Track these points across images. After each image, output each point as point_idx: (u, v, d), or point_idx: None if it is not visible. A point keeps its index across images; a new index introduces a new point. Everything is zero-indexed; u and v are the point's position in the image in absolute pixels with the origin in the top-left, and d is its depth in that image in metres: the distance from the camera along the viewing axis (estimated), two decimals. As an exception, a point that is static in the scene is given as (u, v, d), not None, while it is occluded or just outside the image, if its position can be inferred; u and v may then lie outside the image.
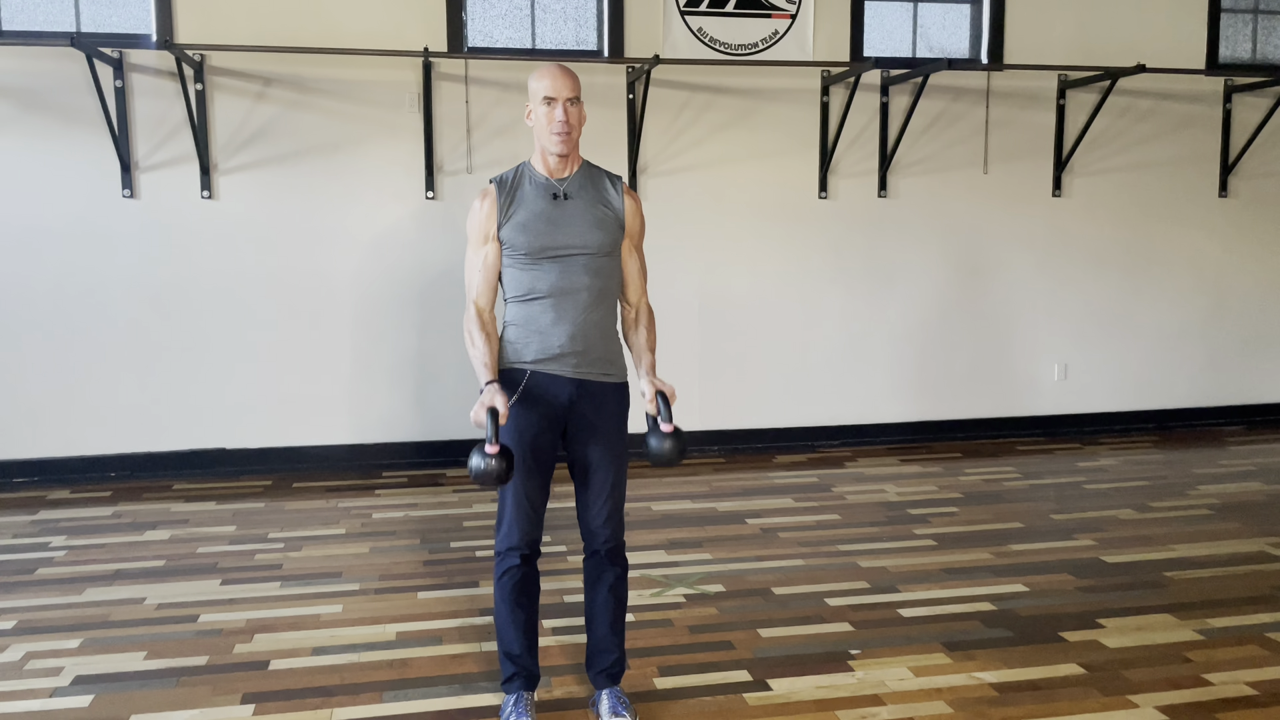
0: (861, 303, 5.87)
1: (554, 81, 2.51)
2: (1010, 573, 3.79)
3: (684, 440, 2.48)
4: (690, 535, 4.25)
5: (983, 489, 4.97)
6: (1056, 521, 4.43)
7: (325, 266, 5.30)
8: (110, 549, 4.12)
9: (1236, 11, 6.19)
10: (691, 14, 5.51)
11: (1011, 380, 6.10)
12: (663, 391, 2.51)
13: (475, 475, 2.33)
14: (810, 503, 4.74)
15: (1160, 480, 5.13)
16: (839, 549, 4.07)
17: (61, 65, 4.92)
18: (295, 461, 5.35)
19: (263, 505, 4.72)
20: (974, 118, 5.88)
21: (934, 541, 4.16)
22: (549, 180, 2.58)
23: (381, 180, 5.30)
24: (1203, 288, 6.29)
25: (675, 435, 2.45)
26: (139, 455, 5.21)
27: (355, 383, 5.38)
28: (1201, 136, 6.16)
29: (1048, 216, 6.03)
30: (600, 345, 2.59)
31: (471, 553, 4.04)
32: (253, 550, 4.08)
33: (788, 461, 5.54)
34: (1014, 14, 5.85)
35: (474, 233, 2.60)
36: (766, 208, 5.71)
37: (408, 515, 4.57)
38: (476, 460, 2.33)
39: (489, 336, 2.56)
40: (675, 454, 2.46)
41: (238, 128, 5.15)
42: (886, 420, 5.97)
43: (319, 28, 5.13)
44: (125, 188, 5.06)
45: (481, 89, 5.33)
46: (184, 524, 4.44)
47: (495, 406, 2.39)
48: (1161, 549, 4.07)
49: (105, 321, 5.12)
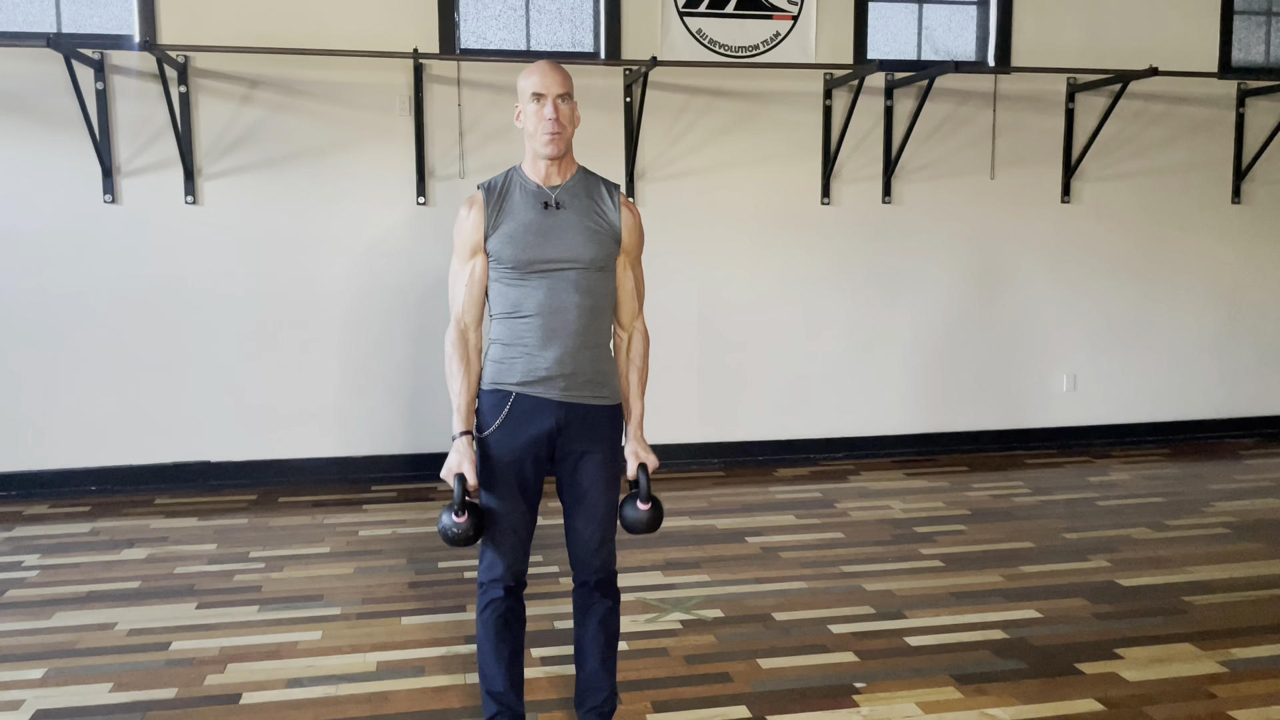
0: (865, 312, 5.70)
1: (543, 77, 2.35)
2: (1022, 597, 3.62)
3: (660, 511, 2.45)
4: (688, 555, 4.08)
5: (991, 505, 4.80)
6: (1069, 541, 4.26)
7: (313, 274, 5.14)
8: (84, 569, 3.96)
9: (1250, 14, 6.03)
10: (690, 15, 5.35)
11: (1019, 391, 5.94)
12: (644, 463, 2.43)
13: (442, 536, 2.35)
14: (813, 519, 4.58)
15: (1175, 497, 4.96)
16: (843, 570, 3.91)
17: (41, 66, 4.77)
18: (282, 475, 5.19)
19: (245, 521, 4.56)
20: (981, 122, 5.72)
21: (941, 562, 3.99)
22: (540, 188, 2.40)
23: (371, 185, 5.15)
24: (1216, 296, 6.13)
25: (652, 507, 2.43)
26: (120, 469, 5.06)
27: (344, 393, 5.22)
28: (1214, 141, 6.00)
29: (1057, 223, 5.87)
30: (590, 367, 2.42)
31: (459, 574, 3.87)
32: (232, 570, 3.92)
33: (789, 475, 5.38)
34: (1021, 16, 5.69)
35: (460, 243, 2.42)
36: (768, 214, 5.55)
37: (395, 532, 4.41)
38: (445, 520, 2.33)
39: (469, 366, 2.39)
40: (650, 526, 2.44)
41: (223, 131, 4.99)
42: (891, 432, 5.81)
43: (307, 28, 4.98)
44: (106, 193, 4.91)
45: (474, 91, 5.17)
46: (163, 541, 4.28)
47: (464, 474, 2.32)
48: (1179, 571, 3.90)
49: (86, 330, 4.96)
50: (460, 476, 2.32)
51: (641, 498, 2.43)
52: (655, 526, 2.46)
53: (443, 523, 2.34)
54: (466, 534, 2.33)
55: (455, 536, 2.33)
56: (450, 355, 2.40)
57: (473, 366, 2.41)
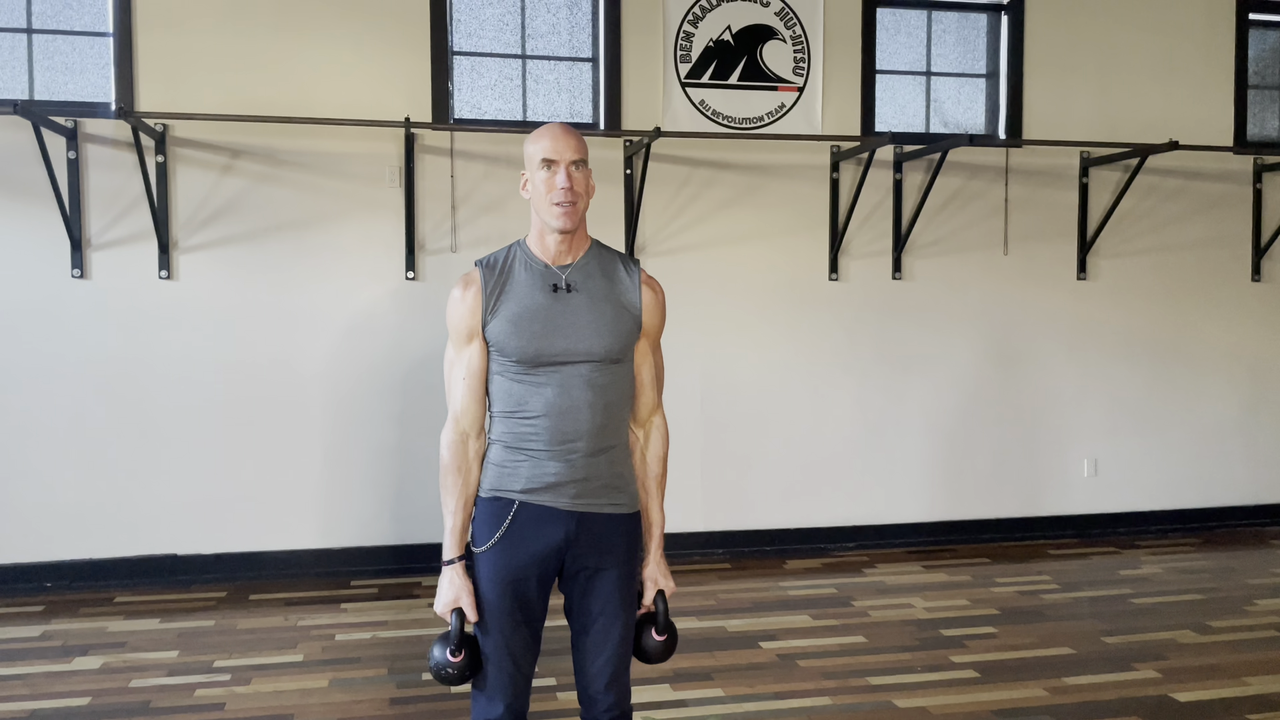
0: (876, 393, 5.42)
1: (554, 141, 2.06)
2: (1071, 715, 3.27)
3: (675, 640, 2.23)
4: (698, 664, 3.72)
5: (1020, 603, 4.47)
6: (1110, 646, 3.92)
7: (294, 352, 4.83)
8: (31, 682, 3.56)
9: (1263, 88, 5.91)
10: (693, 86, 5.17)
11: (1039, 477, 5.64)
12: (663, 591, 2.18)
13: (435, 675, 2.12)
14: (830, 620, 4.23)
15: (1213, 593, 4.64)
16: (869, 682, 3.55)
17: (9, 134, 4.51)
18: (254, 568, 4.81)
19: (212, 623, 4.17)
20: (992, 196, 5.52)
21: (976, 673, 3.64)
22: (548, 267, 2.10)
23: (358, 259, 4.88)
24: (1239, 377, 5.88)
25: (668, 637, 2.21)
26: (78, 563, 4.67)
27: (325, 481, 4.87)
28: (1232, 217, 5.82)
29: (1073, 301, 5.64)
30: (606, 471, 2.11)
31: (445, 689, 3.50)
32: (193, 684, 3.53)
33: (800, 568, 5.03)
34: (1033, 89, 5.53)
35: (455, 329, 2.11)
36: (773, 290, 5.30)
37: (375, 636, 4.03)
38: (439, 657, 2.09)
39: (467, 479, 2.09)
40: (664, 656, 2.23)
41: (201, 202, 4.73)
42: (905, 520, 5.48)
43: (293, 96, 4.75)
44: (75, 267, 4.61)
45: (468, 163, 4.94)
46: (120, 648, 3.89)
47: (462, 609, 2.07)
48: (1235, 683, 3.56)
49: (48, 412, 4.62)
50: (458, 612, 2.06)
51: (658, 628, 2.17)
52: (669, 656, 2.22)
53: (435, 659, 2.08)
54: (463, 673, 2.09)
55: (450, 677, 2.08)
56: (446, 465, 2.09)
57: (471, 478, 2.10)
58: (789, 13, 5.23)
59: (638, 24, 5.09)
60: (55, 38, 4.67)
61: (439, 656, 2.07)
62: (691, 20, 5.14)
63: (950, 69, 5.57)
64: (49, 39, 4.67)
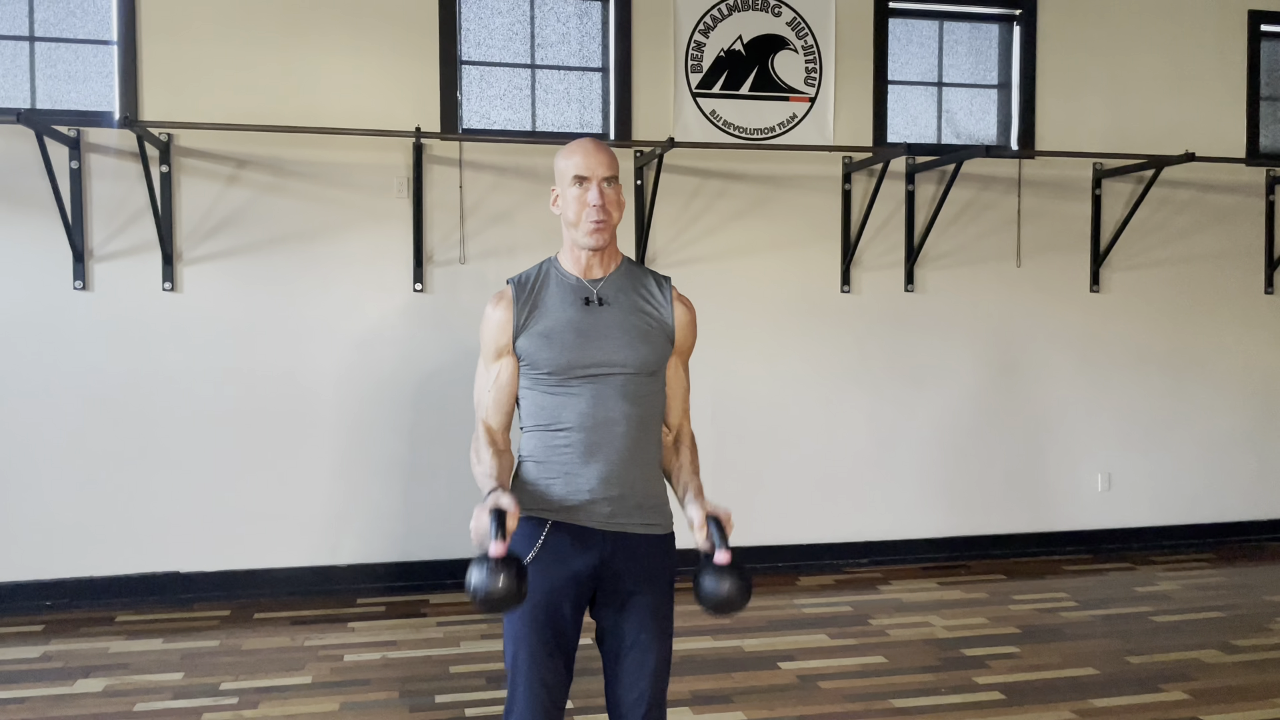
0: (888, 406, 5.36)
1: (586, 157, 2.02)
2: (1101, 739, 3.21)
3: (748, 579, 1.90)
4: (717, 685, 3.64)
5: (1040, 621, 4.39)
6: (1134, 666, 3.85)
7: (300, 365, 4.75)
8: (32, 706, 3.46)
9: (1275, 100, 5.87)
10: (704, 96, 5.11)
11: (1052, 491, 5.57)
12: (715, 515, 1.95)
13: (479, 596, 1.75)
14: (848, 640, 4.15)
15: (1233, 610, 4.57)
16: (892, 705, 3.47)
17: (11, 144, 4.43)
18: (259, 586, 4.71)
19: (217, 644, 4.08)
20: (1005, 208, 5.47)
21: (1002, 695, 3.57)
22: (580, 281, 2.07)
23: (365, 271, 4.80)
24: (1252, 390, 5.83)
25: (735, 571, 1.88)
26: (79, 580, 4.57)
27: (332, 496, 4.78)
28: (1244, 229, 5.77)
29: (1086, 313, 5.58)
30: (642, 488, 2.05)
31: (460, 710, 3.41)
32: (200, 708, 3.44)
33: (814, 584, 4.96)
34: (1045, 100, 5.49)
35: (486, 345, 2.09)
36: (785, 302, 5.23)
37: (385, 657, 3.94)
38: (478, 576, 1.74)
39: (499, 453, 2.04)
40: (737, 596, 1.89)
41: (206, 213, 4.65)
42: (918, 535, 5.41)
43: (300, 106, 4.68)
44: (77, 278, 4.53)
45: (477, 173, 4.87)
46: (123, 669, 3.79)
47: (501, 507, 1.83)
48: (1267, 706, 3.49)
49: (48, 427, 4.53)
50: (497, 512, 1.81)
51: (719, 544, 1.88)
52: (743, 600, 1.89)
53: (474, 581, 1.75)
54: (510, 588, 1.74)
55: (493, 591, 1.73)
56: (477, 448, 2.04)
57: (504, 453, 2.04)
58: (801, 23, 5.18)
59: (648, 33, 5.03)
60: (58, 46, 4.59)
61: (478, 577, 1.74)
62: (703, 30, 5.09)
63: (962, 80, 5.53)
64: (52, 47, 4.59)
